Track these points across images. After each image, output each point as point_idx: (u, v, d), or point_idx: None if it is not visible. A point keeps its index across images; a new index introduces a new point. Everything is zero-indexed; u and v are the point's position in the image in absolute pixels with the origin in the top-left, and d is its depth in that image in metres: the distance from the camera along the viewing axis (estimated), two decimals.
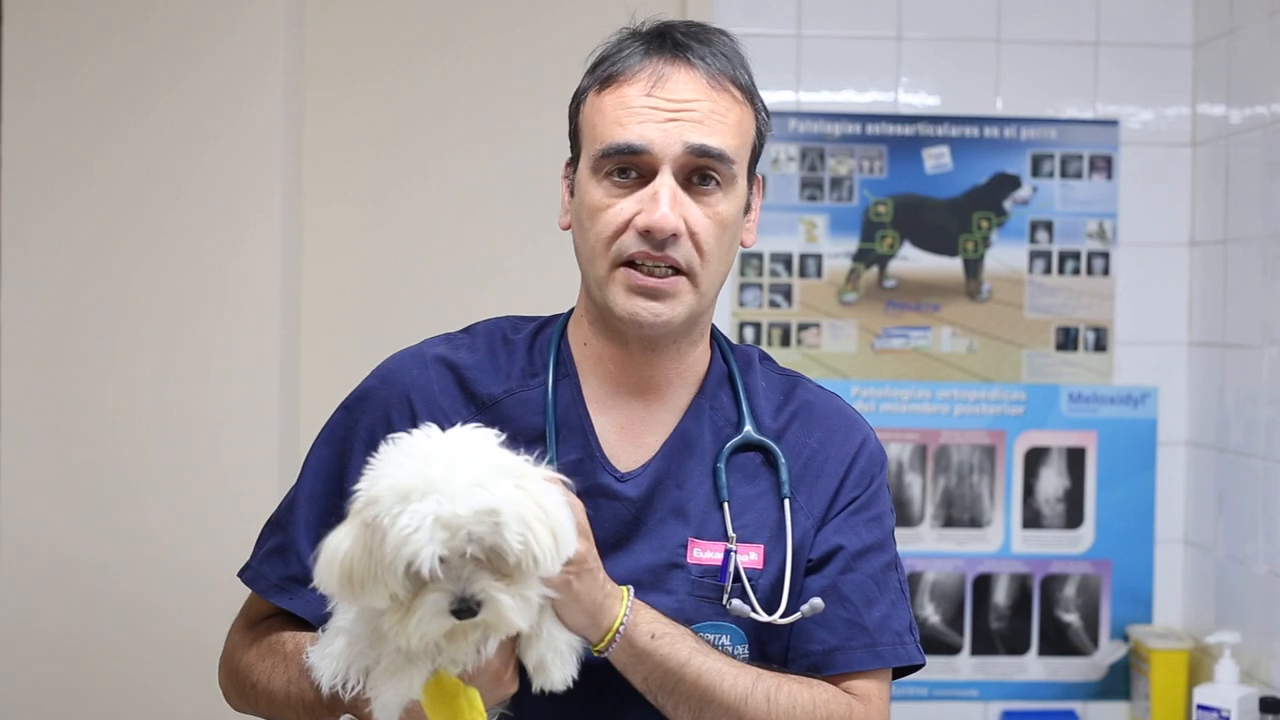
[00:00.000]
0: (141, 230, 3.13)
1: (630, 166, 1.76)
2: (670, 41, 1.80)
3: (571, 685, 1.63)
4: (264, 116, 3.15)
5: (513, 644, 1.63)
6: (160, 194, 3.13)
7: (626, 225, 1.75)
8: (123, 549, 3.10)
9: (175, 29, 3.14)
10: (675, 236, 1.74)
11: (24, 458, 3.11)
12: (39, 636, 3.10)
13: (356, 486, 1.57)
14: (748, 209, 1.85)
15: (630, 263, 1.76)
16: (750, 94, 1.82)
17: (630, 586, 1.70)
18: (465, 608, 1.52)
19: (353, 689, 1.63)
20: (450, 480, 1.51)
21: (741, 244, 1.86)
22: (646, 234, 1.74)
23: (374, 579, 1.52)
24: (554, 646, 1.63)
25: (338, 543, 1.56)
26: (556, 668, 1.63)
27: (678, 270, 1.76)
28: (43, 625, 3.10)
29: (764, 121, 1.85)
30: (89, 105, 3.12)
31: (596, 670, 1.68)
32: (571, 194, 1.85)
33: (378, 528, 1.52)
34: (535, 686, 1.63)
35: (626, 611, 1.67)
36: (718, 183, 1.77)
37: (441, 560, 1.50)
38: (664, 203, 1.73)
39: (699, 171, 1.76)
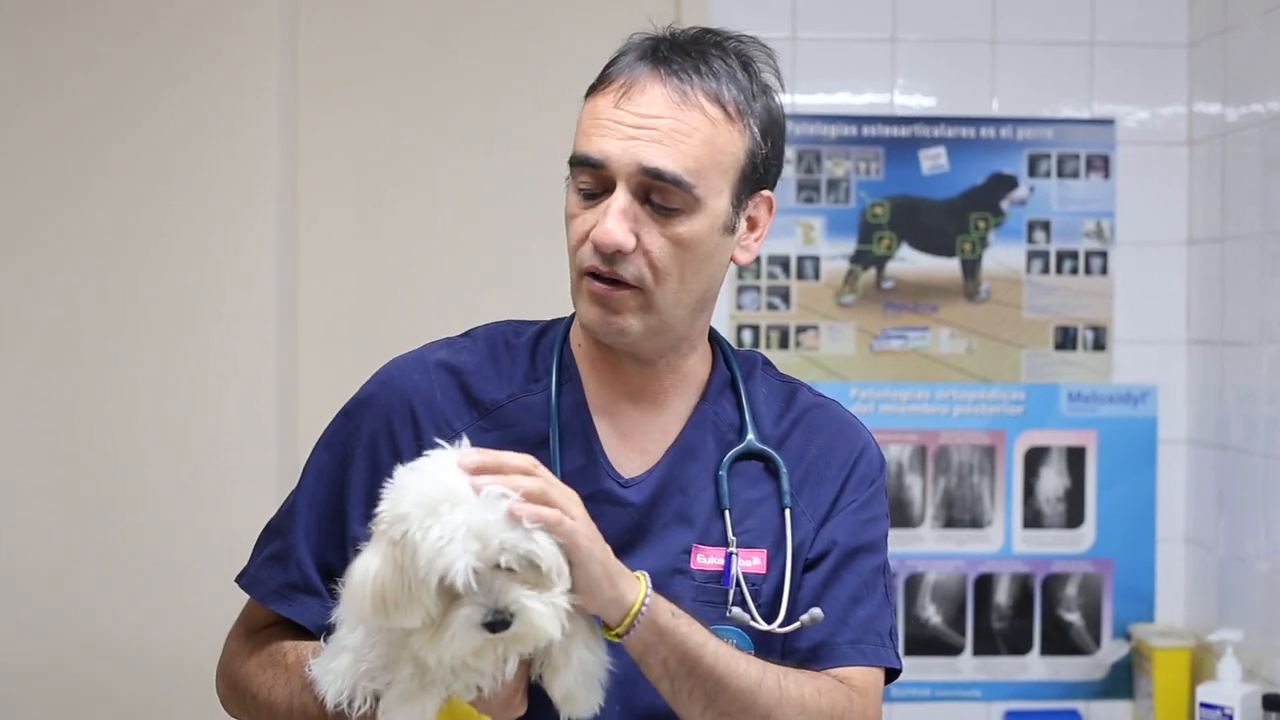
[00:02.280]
0: (137, 239, 3.13)
1: (593, 179, 1.74)
2: (655, 51, 1.77)
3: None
4: (258, 125, 3.15)
5: (526, 668, 1.62)
6: (156, 202, 3.13)
7: (587, 236, 1.74)
8: (118, 556, 3.10)
9: (168, 39, 3.14)
10: (621, 253, 1.72)
11: (19, 465, 3.11)
12: (34, 641, 3.09)
13: (378, 509, 1.56)
14: (734, 228, 1.80)
15: (591, 273, 1.75)
16: (742, 111, 1.76)
17: (645, 572, 1.67)
18: (499, 620, 1.51)
19: (359, 709, 1.61)
20: (477, 491, 1.51)
21: (734, 260, 1.83)
22: (596, 247, 1.73)
23: (408, 598, 1.50)
24: (585, 672, 1.61)
25: (366, 566, 1.54)
26: (584, 696, 1.62)
27: (631, 286, 1.74)
28: (38, 630, 3.09)
29: (758, 141, 1.78)
30: (83, 115, 3.12)
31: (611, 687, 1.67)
32: None
33: (408, 543, 1.50)
34: (563, 716, 1.62)
35: (648, 589, 1.64)
36: (678, 207, 1.73)
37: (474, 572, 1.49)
38: (609, 218, 1.71)
39: (657, 191, 1.72)
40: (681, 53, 1.76)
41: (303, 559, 1.80)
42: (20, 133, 3.12)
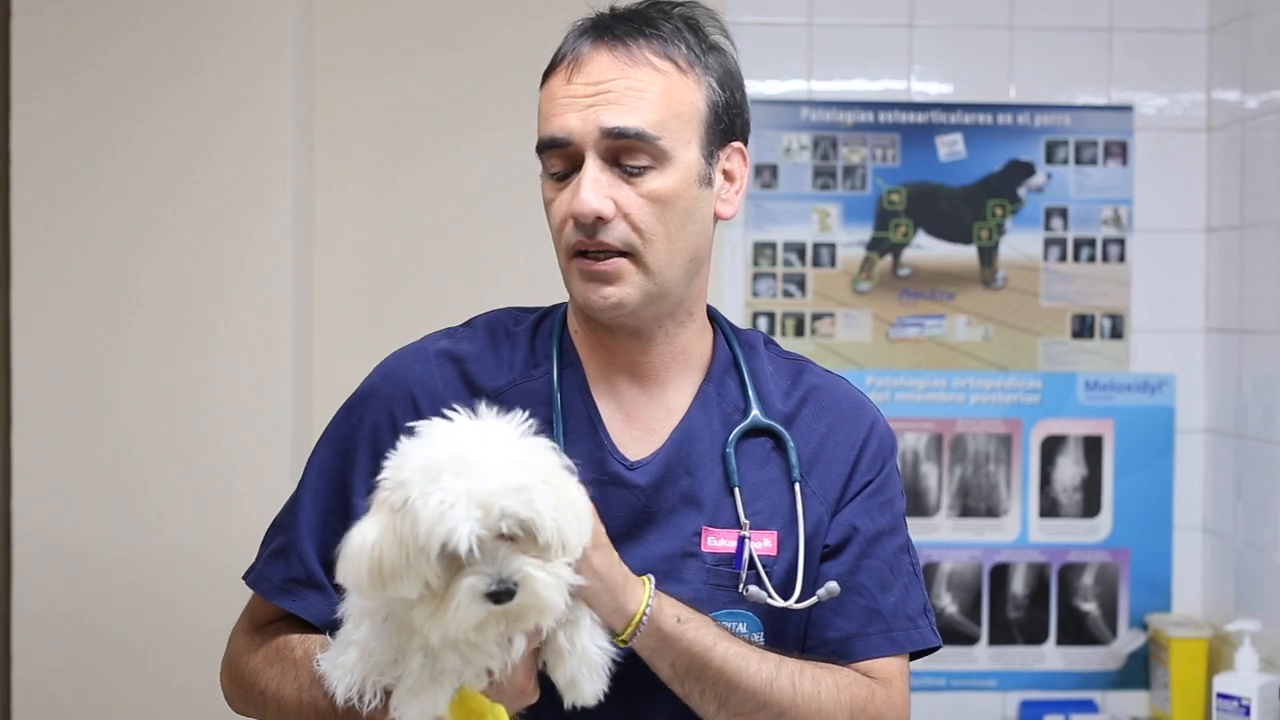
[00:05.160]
0: (153, 224, 3.13)
1: (563, 158, 1.76)
2: (597, 25, 1.80)
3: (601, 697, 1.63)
4: (274, 109, 3.14)
5: (535, 655, 1.62)
6: (172, 187, 3.13)
7: (567, 217, 1.76)
8: (138, 544, 3.10)
9: (183, 24, 3.13)
10: (602, 220, 1.73)
11: (38, 452, 3.11)
12: (55, 629, 3.10)
13: (379, 477, 1.55)
14: (711, 180, 1.80)
15: (581, 253, 1.76)
16: (691, 64, 1.78)
17: (650, 575, 1.69)
18: (504, 589, 1.49)
19: (369, 703, 1.60)
20: (481, 458, 1.50)
21: (718, 216, 1.83)
22: (578, 222, 1.74)
23: (406, 566, 1.49)
24: (588, 660, 1.61)
25: (363, 534, 1.53)
26: (588, 683, 1.61)
27: (620, 253, 1.74)
28: (59, 618, 3.10)
29: (715, 90, 1.80)
30: (100, 99, 3.12)
31: (619, 672, 1.67)
32: None
33: (408, 511, 1.49)
34: (566, 703, 1.62)
35: (650, 597, 1.66)
36: (645, 164, 1.74)
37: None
38: (584, 188, 1.73)
39: (625, 152, 1.74)
40: (624, 20, 1.79)
41: (306, 554, 1.80)
42: (37, 120, 3.12)
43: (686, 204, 1.77)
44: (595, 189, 1.73)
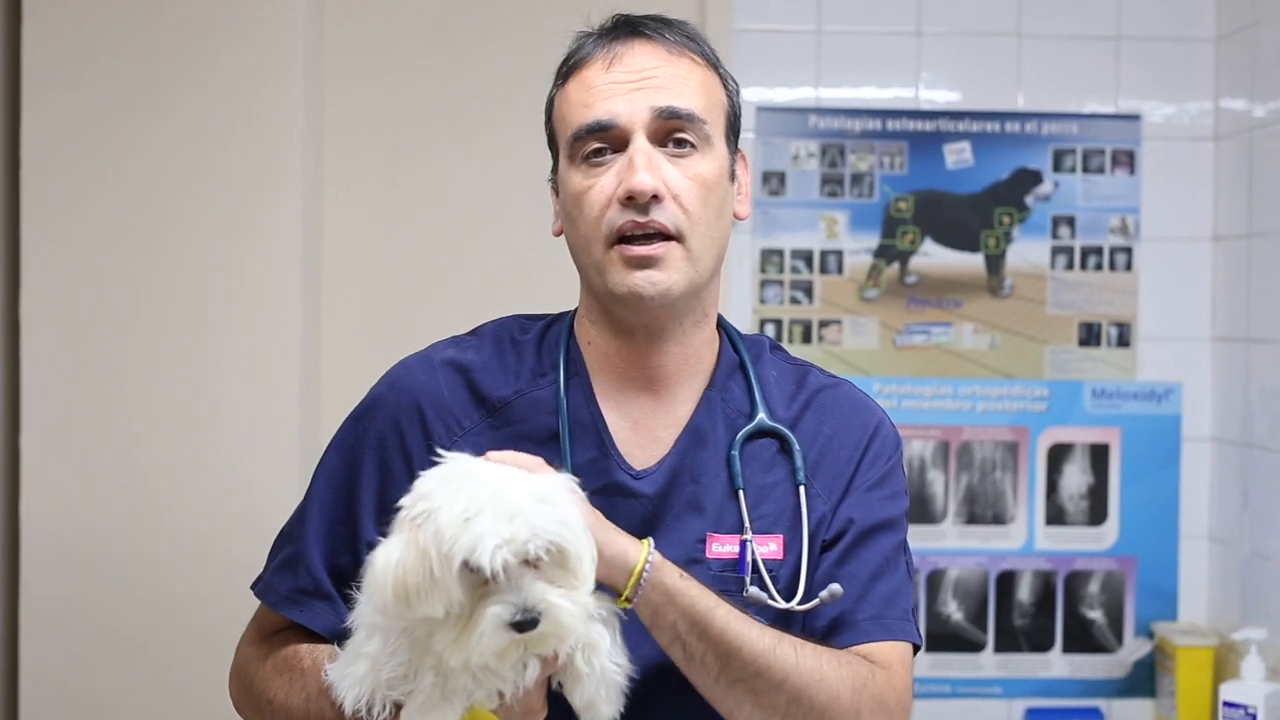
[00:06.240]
0: (162, 222, 3.13)
1: (604, 144, 1.76)
2: (623, 24, 1.83)
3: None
4: (284, 108, 3.15)
5: (547, 677, 1.62)
6: (181, 186, 3.13)
7: (610, 200, 1.75)
8: (145, 540, 3.10)
9: (195, 21, 3.14)
10: (657, 199, 1.73)
11: (47, 449, 3.11)
12: (63, 625, 3.10)
13: (399, 503, 1.55)
14: (734, 176, 1.84)
15: (622, 240, 1.75)
16: (714, 63, 1.83)
17: (649, 539, 1.67)
18: (528, 619, 1.48)
19: (378, 716, 1.59)
20: (500, 478, 1.51)
21: (736, 216, 1.86)
22: (629, 201, 1.73)
23: (431, 582, 1.48)
24: (607, 682, 1.61)
25: (386, 554, 1.52)
26: (606, 704, 1.61)
27: (667, 236, 1.75)
28: (66, 614, 3.10)
29: (734, 91, 1.85)
30: (110, 99, 3.12)
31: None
32: (558, 195, 1.85)
33: (430, 522, 1.48)
34: None
35: (651, 549, 1.64)
36: (693, 144, 1.76)
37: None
38: (640, 166, 1.73)
39: (671, 135, 1.76)
40: (649, 21, 1.83)
41: (314, 564, 1.80)
42: (48, 119, 3.12)
43: (722, 192, 1.80)
44: (651, 167, 1.74)
